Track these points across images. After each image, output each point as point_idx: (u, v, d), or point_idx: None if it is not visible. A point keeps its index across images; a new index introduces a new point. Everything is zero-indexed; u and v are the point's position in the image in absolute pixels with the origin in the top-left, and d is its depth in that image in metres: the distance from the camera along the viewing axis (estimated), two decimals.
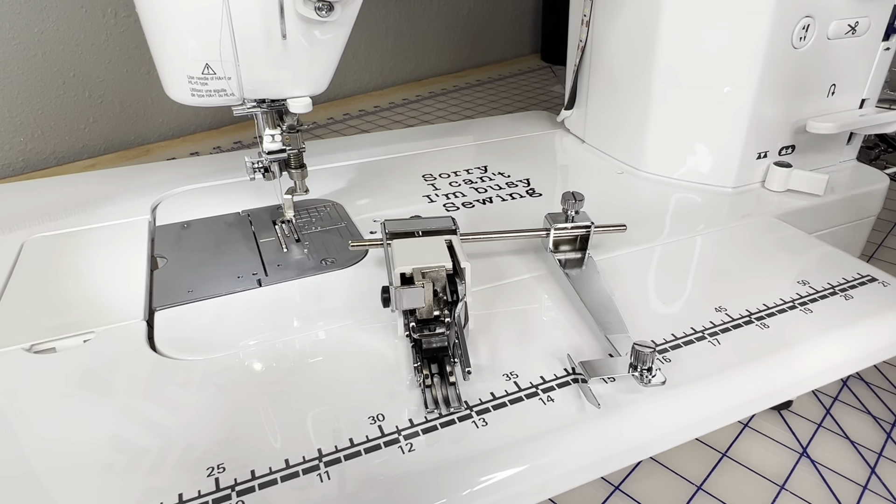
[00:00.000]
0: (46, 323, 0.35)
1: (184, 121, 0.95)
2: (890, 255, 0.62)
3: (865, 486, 0.37)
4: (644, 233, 0.44)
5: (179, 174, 0.55)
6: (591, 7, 0.55)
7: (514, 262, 0.40)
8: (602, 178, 0.54)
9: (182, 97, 0.37)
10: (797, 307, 0.35)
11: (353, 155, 0.59)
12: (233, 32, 0.34)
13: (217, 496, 0.24)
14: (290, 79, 0.38)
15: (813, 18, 0.45)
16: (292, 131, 0.41)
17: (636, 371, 0.29)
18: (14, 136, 0.80)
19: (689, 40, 0.48)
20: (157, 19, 0.35)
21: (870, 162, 0.69)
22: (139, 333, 0.34)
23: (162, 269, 0.40)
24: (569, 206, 0.39)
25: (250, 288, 0.38)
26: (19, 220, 0.46)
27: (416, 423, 0.27)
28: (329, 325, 0.34)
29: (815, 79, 0.48)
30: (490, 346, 0.32)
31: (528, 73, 1.31)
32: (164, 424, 0.28)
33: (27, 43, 0.78)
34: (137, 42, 0.86)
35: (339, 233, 0.45)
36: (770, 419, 0.42)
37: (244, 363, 0.32)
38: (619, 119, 0.56)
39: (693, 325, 0.34)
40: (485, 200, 0.50)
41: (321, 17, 0.34)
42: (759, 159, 0.50)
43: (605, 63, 0.56)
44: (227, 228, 0.46)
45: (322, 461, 0.26)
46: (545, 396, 0.29)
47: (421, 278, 0.30)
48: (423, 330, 0.30)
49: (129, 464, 0.26)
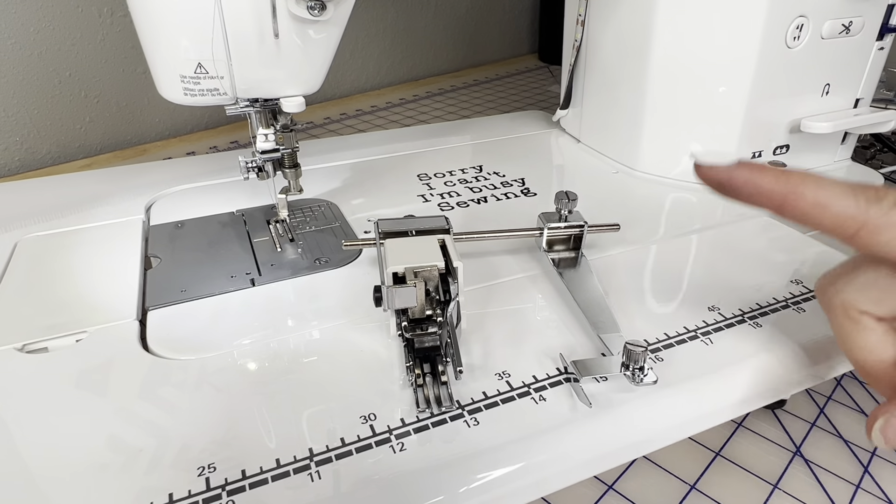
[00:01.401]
0: (39, 322, 0.35)
1: (180, 120, 0.95)
2: None
3: (858, 485, 0.37)
4: (638, 232, 0.44)
5: (174, 174, 0.55)
6: (585, 6, 0.55)
7: (508, 262, 0.40)
8: (597, 177, 0.54)
9: (175, 97, 0.37)
10: (790, 306, 0.35)
11: (348, 154, 0.59)
12: (225, 31, 0.34)
13: (207, 496, 0.24)
14: (283, 78, 0.38)
15: (807, 18, 0.45)
16: (286, 131, 0.41)
17: (628, 370, 0.29)
18: (10, 136, 0.80)
19: (683, 40, 0.48)
20: (150, 18, 0.35)
21: (865, 162, 0.69)
22: (132, 333, 0.34)
23: (155, 269, 0.40)
24: (562, 206, 0.39)
25: (244, 287, 0.38)
26: (13, 219, 0.46)
27: (407, 422, 0.27)
28: (323, 324, 0.34)
29: (810, 78, 0.48)
30: (482, 346, 0.32)
31: (526, 72, 1.31)
32: (156, 424, 0.28)
33: (23, 42, 0.77)
34: (134, 42, 0.86)
35: (334, 232, 0.45)
36: (763, 418, 0.42)
37: (237, 363, 0.32)
38: (614, 119, 0.56)
39: (686, 324, 0.34)
40: (479, 200, 0.50)
41: (314, 17, 0.34)
42: (754, 159, 0.50)
43: (601, 63, 0.56)
44: (220, 228, 0.46)
45: (313, 460, 0.26)
46: (537, 396, 0.29)
47: (413, 277, 0.30)
48: (416, 329, 0.30)
49: (121, 464, 0.26)
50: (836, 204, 0.23)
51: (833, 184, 0.23)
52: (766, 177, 0.24)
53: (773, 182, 0.24)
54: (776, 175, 0.24)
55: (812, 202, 0.23)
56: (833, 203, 0.23)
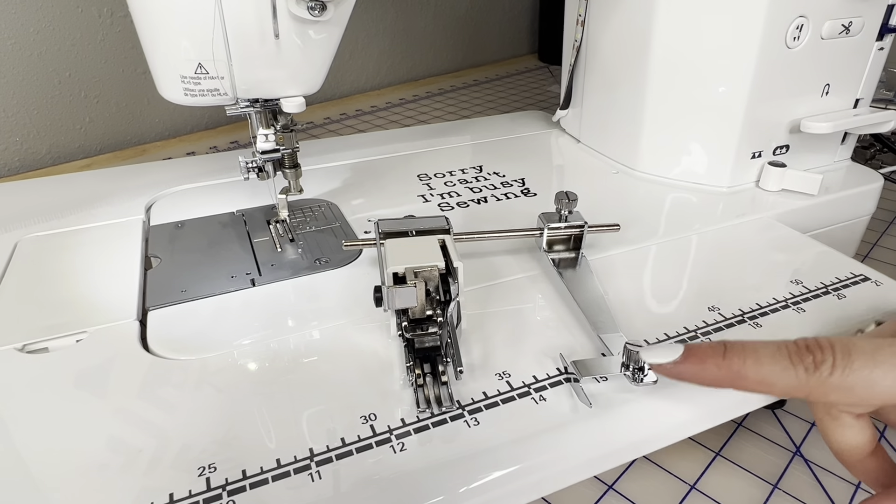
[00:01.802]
0: (39, 323, 0.35)
1: (180, 121, 0.95)
2: (885, 255, 0.63)
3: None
4: (638, 232, 0.44)
5: (174, 174, 0.55)
6: (585, 7, 0.55)
7: (508, 262, 0.40)
8: (597, 177, 0.54)
9: (175, 97, 0.37)
10: (790, 306, 0.35)
11: (348, 155, 0.59)
12: (225, 32, 0.34)
13: (208, 496, 0.24)
14: (283, 78, 0.38)
15: (807, 18, 0.45)
16: (286, 131, 0.41)
17: (628, 370, 0.29)
18: (10, 136, 0.80)
19: (683, 40, 0.48)
20: (150, 18, 0.35)
21: (865, 162, 0.69)
22: (132, 333, 0.34)
23: (156, 269, 0.40)
24: (562, 206, 0.40)
25: (244, 288, 0.38)
26: (13, 219, 0.46)
27: (408, 422, 0.27)
28: (323, 324, 0.34)
29: (810, 79, 0.48)
30: (482, 346, 0.32)
31: (526, 72, 1.31)
32: (156, 424, 0.28)
33: (23, 42, 0.78)
34: (134, 42, 0.86)
35: (334, 232, 0.45)
36: (764, 418, 0.42)
37: (238, 363, 0.32)
38: (614, 119, 0.56)
39: (686, 324, 0.34)
40: (479, 200, 0.50)
41: (314, 17, 0.34)
42: (754, 159, 0.50)
43: (601, 63, 0.56)
44: (221, 228, 0.46)
45: (314, 460, 0.26)
46: (537, 396, 0.29)
47: (413, 278, 0.30)
48: (416, 329, 0.30)
49: (122, 464, 0.26)
50: (778, 382, 0.24)
51: (771, 356, 0.24)
52: (708, 369, 0.25)
53: (716, 371, 0.25)
54: (717, 363, 0.25)
55: (756, 382, 0.24)
56: (775, 381, 0.24)
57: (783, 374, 0.24)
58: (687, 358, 0.26)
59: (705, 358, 0.25)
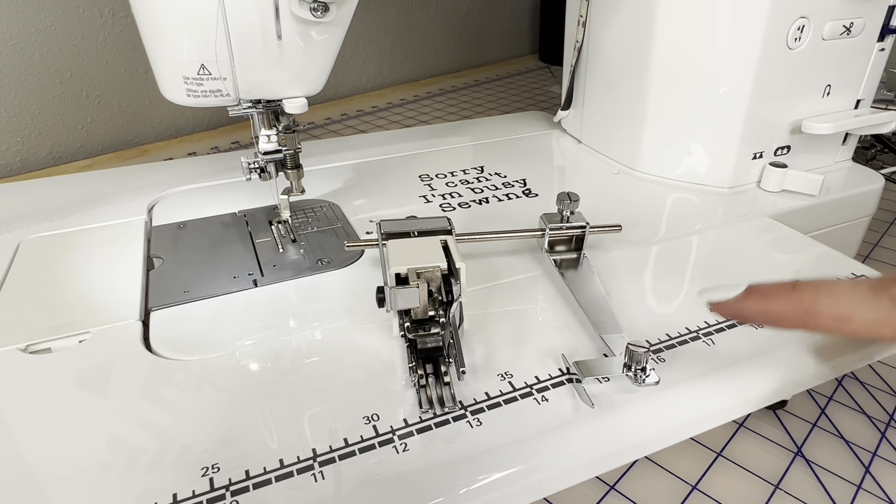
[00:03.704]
0: (42, 323, 0.35)
1: (181, 121, 0.95)
2: (886, 255, 0.63)
3: (860, 485, 0.37)
4: (640, 233, 0.44)
5: (176, 174, 0.55)
6: (587, 7, 0.55)
7: (510, 263, 0.40)
8: (598, 178, 0.54)
9: (177, 97, 0.37)
10: None
11: (350, 155, 0.59)
12: (228, 33, 0.34)
13: (211, 496, 0.24)
14: (285, 79, 0.38)
15: (808, 19, 0.45)
16: (288, 132, 0.41)
17: (630, 371, 0.29)
18: (11, 137, 0.80)
19: (684, 41, 0.48)
20: (153, 19, 0.35)
21: (866, 162, 0.69)
22: (135, 334, 0.34)
23: (158, 270, 0.40)
24: (564, 207, 0.40)
25: (246, 288, 0.38)
26: (15, 220, 0.47)
27: (410, 422, 0.28)
28: (325, 325, 0.34)
29: (811, 79, 0.48)
30: (485, 346, 0.32)
31: (526, 73, 1.31)
32: (159, 424, 0.28)
33: (24, 43, 0.78)
34: (135, 42, 0.86)
35: (336, 233, 0.45)
36: (765, 419, 0.42)
37: (240, 363, 0.32)
38: (616, 119, 0.56)
39: (688, 325, 0.34)
40: (481, 201, 0.50)
41: (316, 18, 0.34)
42: (755, 160, 0.50)
43: (602, 63, 0.56)
44: (223, 229, 0.46)
45: (316, 461, 0.26)
46: (539, 396, 0.29)
47: (416, 278, 0.30)
48: (418, 330, 0.30)
49: (124, 464, 0.26)
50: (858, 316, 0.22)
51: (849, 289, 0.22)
52: (775, 303, 0.23)
53: (784, 306, 0.23)
54: (786, 298, 0.23)
55: (830, 317, 0.22)
56: (856, 315, 0.22)
57: (865, 306, 0.22)
58: (750, 294, 0.24)
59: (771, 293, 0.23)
